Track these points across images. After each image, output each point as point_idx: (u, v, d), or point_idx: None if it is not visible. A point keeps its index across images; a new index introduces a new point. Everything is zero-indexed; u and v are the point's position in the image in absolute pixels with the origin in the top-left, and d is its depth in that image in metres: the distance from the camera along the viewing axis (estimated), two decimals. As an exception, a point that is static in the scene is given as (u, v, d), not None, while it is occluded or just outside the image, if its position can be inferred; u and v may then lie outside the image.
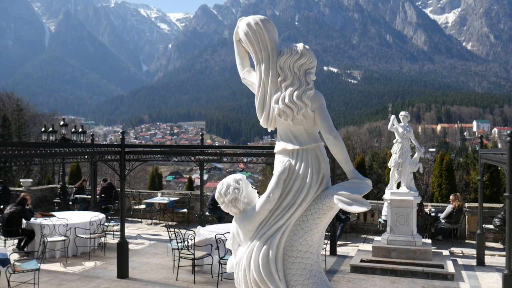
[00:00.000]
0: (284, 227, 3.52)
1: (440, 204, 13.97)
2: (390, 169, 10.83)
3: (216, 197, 3.73)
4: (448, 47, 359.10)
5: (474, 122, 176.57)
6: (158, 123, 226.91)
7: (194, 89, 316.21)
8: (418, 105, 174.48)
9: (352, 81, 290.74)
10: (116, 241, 11.66)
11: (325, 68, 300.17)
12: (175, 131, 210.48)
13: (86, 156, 9.20)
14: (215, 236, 8.53)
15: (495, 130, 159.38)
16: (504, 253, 11.05)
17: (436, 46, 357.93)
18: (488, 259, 10.50)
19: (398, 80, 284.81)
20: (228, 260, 3.95)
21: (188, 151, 10.12)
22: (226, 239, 8.45)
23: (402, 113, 10.73)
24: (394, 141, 10.61)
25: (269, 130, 3.75)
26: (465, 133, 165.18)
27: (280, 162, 3.56)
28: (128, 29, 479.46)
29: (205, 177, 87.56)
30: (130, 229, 13.80)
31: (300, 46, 3.54)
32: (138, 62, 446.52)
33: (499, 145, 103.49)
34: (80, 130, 15.24)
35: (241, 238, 3.67)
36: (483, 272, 9.70)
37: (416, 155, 10.69)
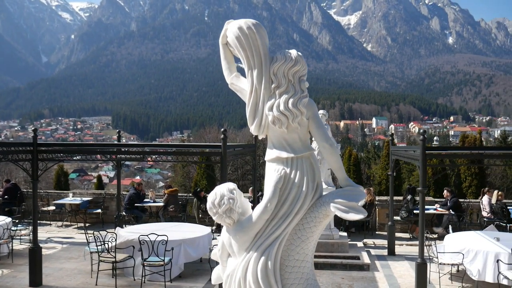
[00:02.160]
0: (281, 236, 3.45)
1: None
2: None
3: (208, 208, 3.53)
4: (350, 48, 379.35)
5: (374, 119, 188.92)
6: (60, 118, 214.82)
7: (100, 83, 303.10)
8: (323, 102, 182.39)
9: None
10: (24, 246, 10.87)
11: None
12: (79, 126, 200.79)
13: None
14: (138, 238, 8.25)
15: (392, 126, 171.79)
16: (411, 242, 11.98)
17: (340, 46, 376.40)
18: (398, 249, 11.24)
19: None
20: (213, 271, 3.79)
21: (107, 149, 9.60)
22: (150, 240, 8.27)
23: (320, 111, 11.09)
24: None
25: (260, 138, 3.66)
26: (365, 129, 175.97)
27: (274, 171, 3.48)
28: (25, 16, 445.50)
29: (112, 174, 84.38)
30: (39, 232, 12.70)
31: (293, 53, 3.47)
32: (36, 52, 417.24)
33: (395, 140, 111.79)
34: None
35: (235, 250, 3.53)
36: (395, 261, 10.36)
37: (333, 152, 11.09)
